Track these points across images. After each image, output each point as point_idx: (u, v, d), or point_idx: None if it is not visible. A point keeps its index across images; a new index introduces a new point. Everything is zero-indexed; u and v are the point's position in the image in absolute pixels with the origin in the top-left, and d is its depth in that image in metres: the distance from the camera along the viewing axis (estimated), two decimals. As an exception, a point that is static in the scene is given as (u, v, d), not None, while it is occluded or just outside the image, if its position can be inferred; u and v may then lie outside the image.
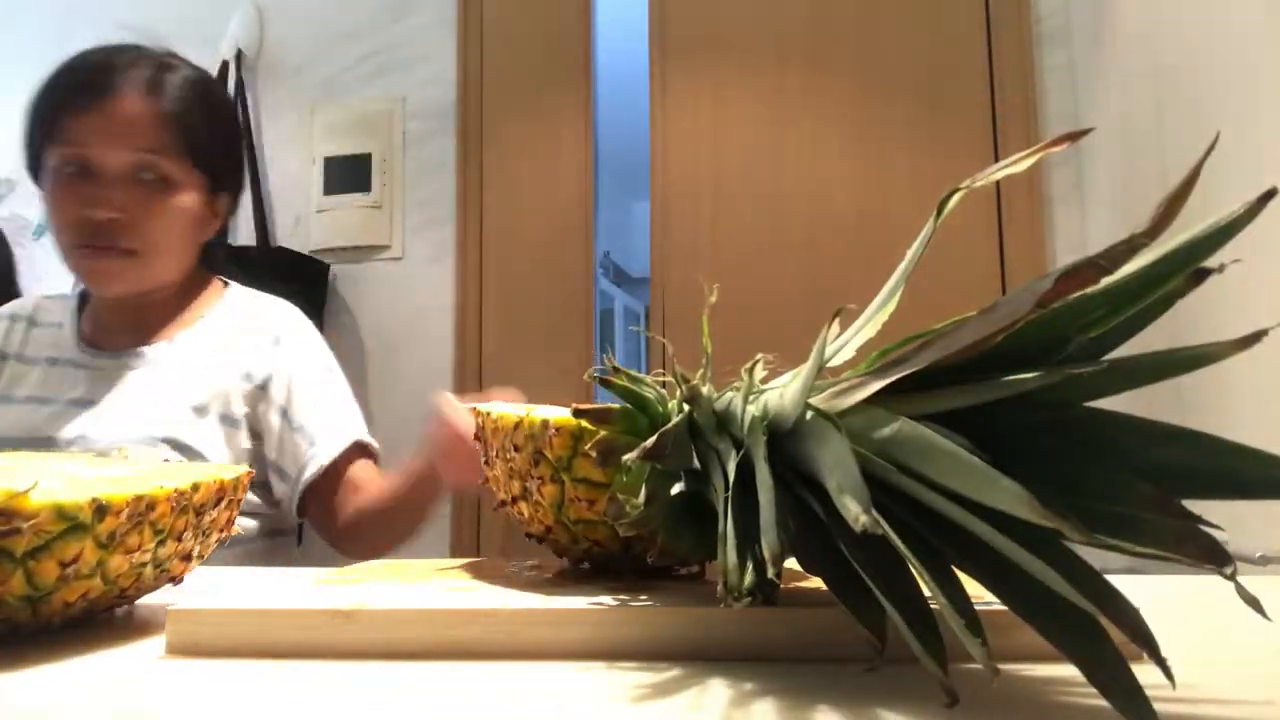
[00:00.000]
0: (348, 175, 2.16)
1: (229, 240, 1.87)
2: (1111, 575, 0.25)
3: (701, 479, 0.34)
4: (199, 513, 0.42)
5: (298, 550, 1.09)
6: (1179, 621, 0.40)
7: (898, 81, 1.94)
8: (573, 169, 2.09)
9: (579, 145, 2.09)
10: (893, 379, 0.28)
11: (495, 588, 0.40)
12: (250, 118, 2.19)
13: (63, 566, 0.36)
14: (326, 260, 2.13)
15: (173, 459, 0.89)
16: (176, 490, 0.40)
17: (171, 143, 0.94)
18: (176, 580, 0.44)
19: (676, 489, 0.34)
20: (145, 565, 0.40)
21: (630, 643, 0.33)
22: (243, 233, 2.08)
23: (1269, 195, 0.23)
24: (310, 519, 1.01)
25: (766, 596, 0.33)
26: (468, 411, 0.49)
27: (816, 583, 0.33)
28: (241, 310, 1.06)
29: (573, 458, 0.41)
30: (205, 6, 2.23)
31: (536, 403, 0.48)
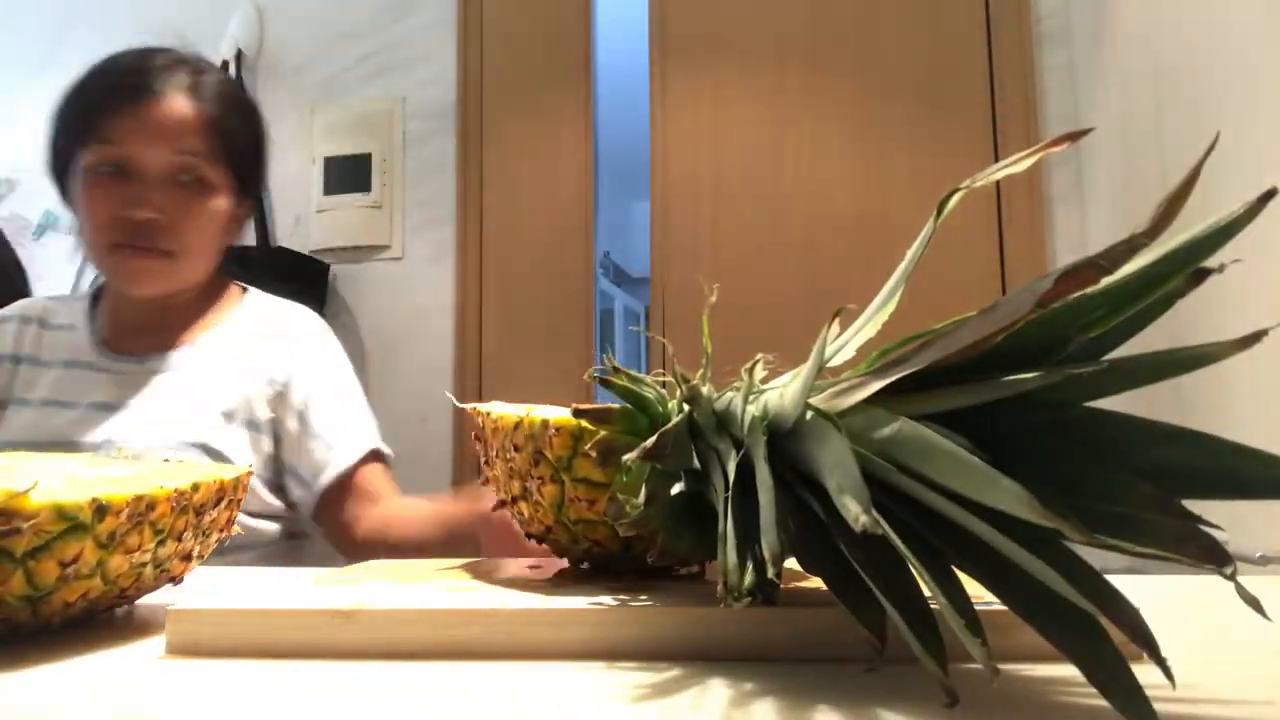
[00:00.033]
0: (348, 175, 2.16)
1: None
2: (1111, 575, 0.25)
3: (701, 479, 0.34)
4: (199, 513, 0.42)
5: (318, 553, 1.08)
6: (1179, 621, 0.40)
7: (898, 81, 1.94)
8: (573, 169, 2.09)
9: (579, 145, 2.09)
10: (893, 379, 0.28)
11: (495, 588, 0.40)
12: (250, 118, 2.19)
13: (63, 566, 0.36)
14: (326, 260, 2.13)
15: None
16: (176, 490, 0.40)
17: (210, 146, 0.94)
18: (176, 580, 0.44)
19: (676, 489, 0.34)
20: (145, 565, 0.40)
21: (630, 643, 0.33)
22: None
23: (1269, 195, 0.23)
24: (322, 524, 1.01)
25: (766, 596, 0.33)
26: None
27: (816, 583, 0.33)
28: (261, 315, 1.06)
29: (573, 458, 0.41)
30: (205, 6, 2.23)
31: (536, 403, 0.48)
